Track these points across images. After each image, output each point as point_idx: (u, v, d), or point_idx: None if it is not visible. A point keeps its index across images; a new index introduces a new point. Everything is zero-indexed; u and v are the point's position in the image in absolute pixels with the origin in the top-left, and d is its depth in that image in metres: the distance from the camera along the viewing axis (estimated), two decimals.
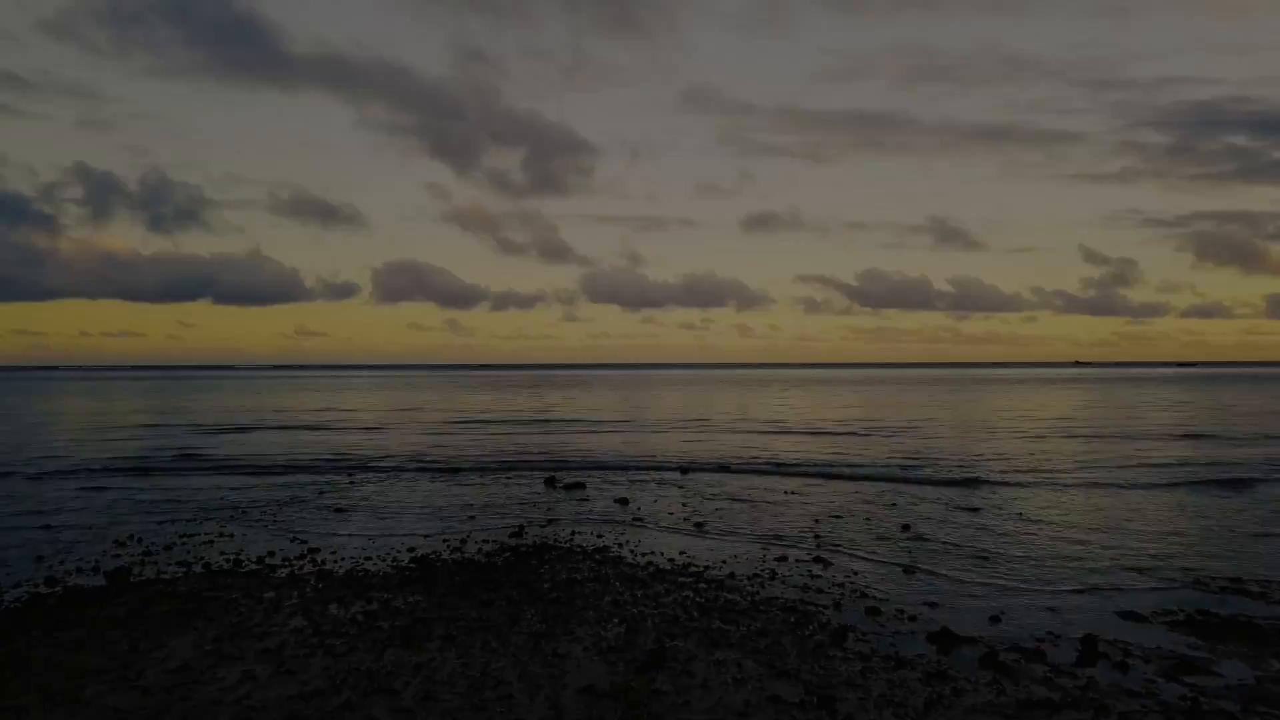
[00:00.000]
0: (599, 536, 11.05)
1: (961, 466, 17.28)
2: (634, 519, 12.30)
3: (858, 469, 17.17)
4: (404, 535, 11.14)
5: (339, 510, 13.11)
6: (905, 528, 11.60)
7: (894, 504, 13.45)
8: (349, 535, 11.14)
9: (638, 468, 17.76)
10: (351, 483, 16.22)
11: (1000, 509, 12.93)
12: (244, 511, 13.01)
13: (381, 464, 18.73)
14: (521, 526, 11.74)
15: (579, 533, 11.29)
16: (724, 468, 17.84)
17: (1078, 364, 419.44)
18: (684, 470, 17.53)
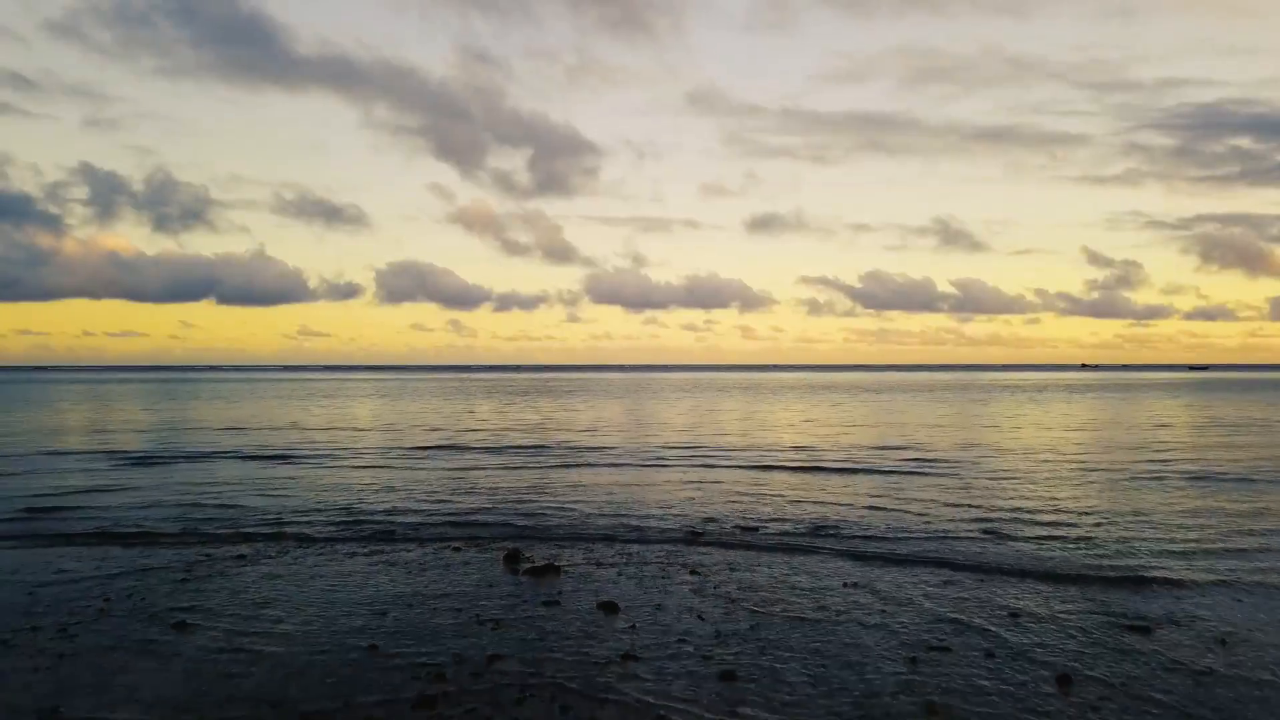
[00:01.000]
0: (564, 711, 6.60)
1: (1080, 539, 12.67)
2: (625, 654, 7.84)
3: (932, 540, 12.65)
4: (239, 709, 6.67)
5: (179, 628, 8.66)
6: (1064, 682, 7.15)
7: (1012, 614, 8.98)
8: (141, 711, 6.66)
9: (631, 537, 13.21)
10: (242, 558, 11.78)
11: (1184, 631, 8.44)
12: (33, 630, 8.57)
13: (298, 522, 14.22)
14: (442, 674, 7.31)
15: (533, 692, 6.85)
16: (747, 532, 13.36)
17: (1084, 367, 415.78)
18: (694, 537, 13.05)
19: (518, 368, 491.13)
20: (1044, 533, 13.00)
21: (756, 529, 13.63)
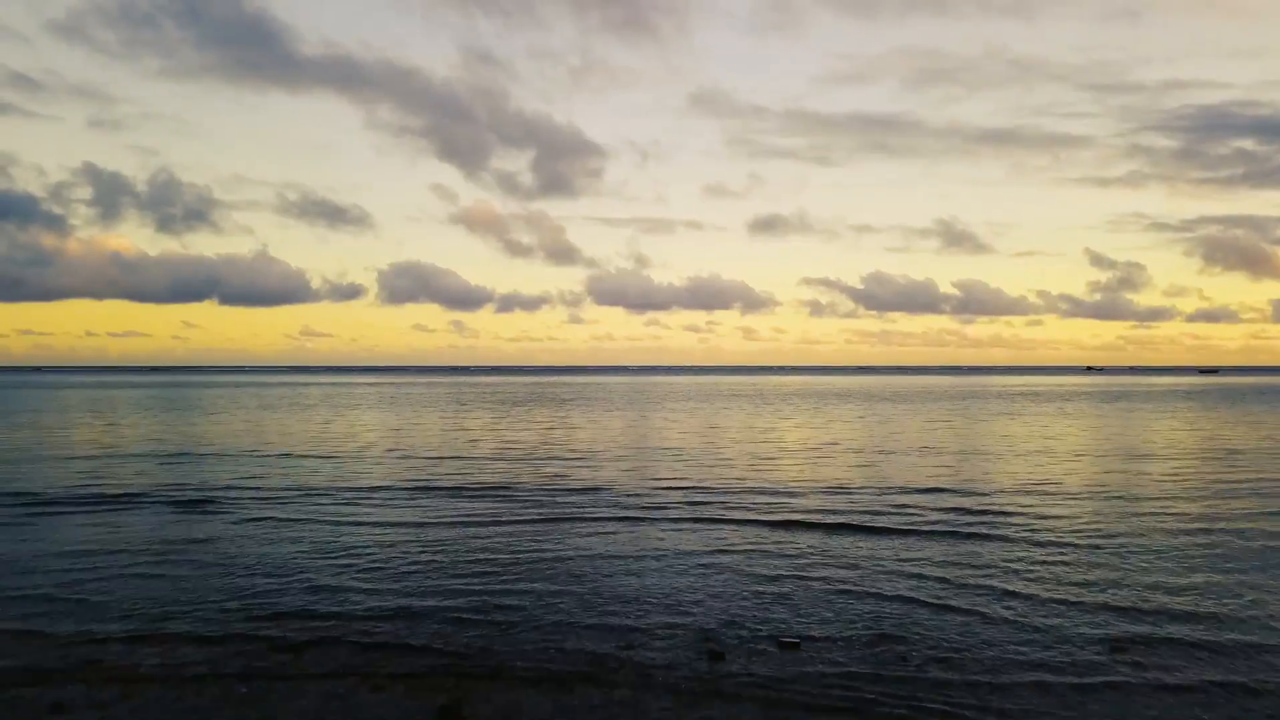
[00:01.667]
0: None
1: None
2: None
3: (1058, 686, 8.89)
4: None
5: None
6: None
7: None
8: None
9: (624, 671, 9.41)
10: (57, 712, 8.08)
11: None
12: None
13: (165, 634, 10.48)
14: None
15: None
16: (785, 650, 9.62)
17: (1090, 369, 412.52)
18: (713, 661, 9.32)
19: (519, 369, 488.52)
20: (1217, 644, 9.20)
21: (796, 645, 9.89)
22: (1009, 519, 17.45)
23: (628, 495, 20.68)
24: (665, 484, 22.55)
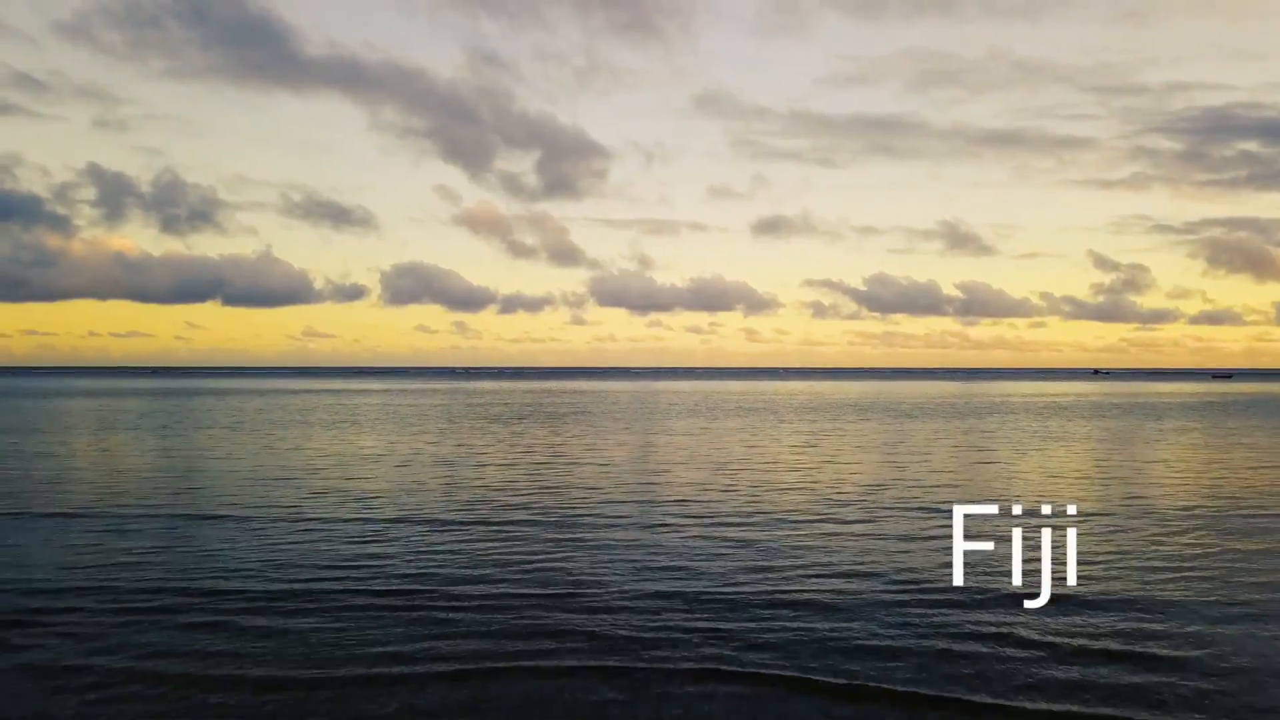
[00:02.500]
0: None
1: None
2: None
3: None
4: None
5: None
6: None
7: None
8: None
9: None
10: None
11: None
12: None
13: None
14: None
15: None
16: None
17: (1096, 372, 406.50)
18: None
19: (521, 371, 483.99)
20: None
21: None
22: (1182, 677, 11.77)
23: (619, 607, 14.97)
24: (670, 586, 16.79)
